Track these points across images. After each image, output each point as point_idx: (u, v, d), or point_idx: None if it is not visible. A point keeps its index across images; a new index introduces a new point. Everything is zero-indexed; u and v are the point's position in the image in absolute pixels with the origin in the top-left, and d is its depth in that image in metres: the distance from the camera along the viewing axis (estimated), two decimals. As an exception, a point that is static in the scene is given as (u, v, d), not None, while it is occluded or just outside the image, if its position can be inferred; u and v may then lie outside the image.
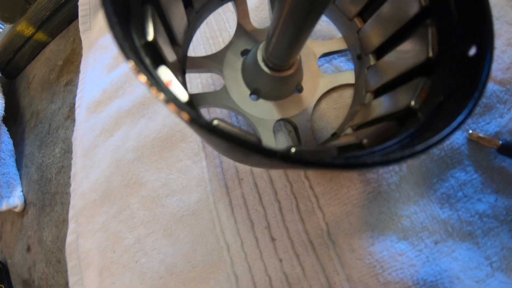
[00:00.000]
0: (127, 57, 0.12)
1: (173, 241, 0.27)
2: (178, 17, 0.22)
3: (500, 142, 0.23)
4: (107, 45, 0.47)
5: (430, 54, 0.18)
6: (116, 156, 0.33)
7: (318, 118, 0.26)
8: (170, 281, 0.26)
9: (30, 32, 0.62)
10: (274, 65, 0.22)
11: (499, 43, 0.28)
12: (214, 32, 0.35)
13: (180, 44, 0.23)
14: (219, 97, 0.25)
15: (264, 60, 0.22)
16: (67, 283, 0.32)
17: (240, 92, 0.25)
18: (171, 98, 0.12)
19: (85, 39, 0.51)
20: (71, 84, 0.49)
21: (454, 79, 0.17)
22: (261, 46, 0.23)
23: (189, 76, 0.32)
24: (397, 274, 0.19)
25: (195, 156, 0.29)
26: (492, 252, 0.21)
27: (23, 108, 0.59)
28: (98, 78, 0.43)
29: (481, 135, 0.24)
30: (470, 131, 0.25)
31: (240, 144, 0.11)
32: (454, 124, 0.13)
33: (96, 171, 0.34)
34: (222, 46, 0.26)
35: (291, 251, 0.22)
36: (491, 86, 0.27)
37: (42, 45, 0.64)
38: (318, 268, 0.21)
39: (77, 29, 0.56)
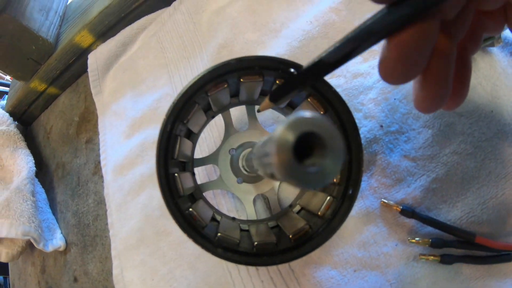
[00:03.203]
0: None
1: (195, 271, 0.41)
2: (188, 149, 0.35)
3: (401, 207, 0.33)
4: (120, 112, 0.58)
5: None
6: (145, 212, 0.46)
7: (282, 191, 0.40)
8: (195, 298, 0.40)
9: (42, 88, 0.72)
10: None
11: (417, 124, 0.34)
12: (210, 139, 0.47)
13: (189, 161, 0.36)
14: (217, 183, 0.39)
15: (243, 166, 0.36)
16: (117, 304, 0.45)
17: (230, 179, 0.38)
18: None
19: (98, 101, 0.62)
20: (92, 142, 0.61)
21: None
22: (241, 156, 0.36)
23: (198, 170, 0.44)
24: (329, 289, 0.35)
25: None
26: (391, 277, 0.34)
27: (46, 157, 0.69)
28: (117, 144, 0.55)
29: (390, 203, 0.34)
30: (383, 199, 0.35)
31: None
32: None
33: (130, 222, 0.47)
34: (215, 148, 0.40)
35: (268, 276, 0.37)
36: (404, 163, 0.34)
37: (53, 97, 0.75)
38: (284, 286, 0.36)
39: (86, 85, 0.67)
